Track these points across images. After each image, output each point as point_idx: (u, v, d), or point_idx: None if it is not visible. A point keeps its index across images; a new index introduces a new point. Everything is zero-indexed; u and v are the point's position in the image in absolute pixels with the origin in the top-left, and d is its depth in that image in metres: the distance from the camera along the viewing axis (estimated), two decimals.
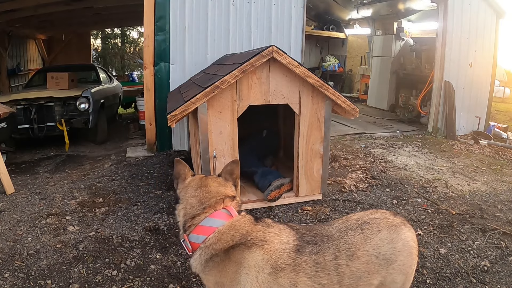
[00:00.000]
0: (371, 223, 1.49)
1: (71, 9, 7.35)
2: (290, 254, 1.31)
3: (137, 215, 3.25)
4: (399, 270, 1.46)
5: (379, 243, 1.43)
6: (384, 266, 1.43)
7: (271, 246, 1.30)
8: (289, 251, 1.32)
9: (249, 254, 1.29)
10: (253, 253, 1.29)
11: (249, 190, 3.55)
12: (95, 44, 18.47)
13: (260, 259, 1.28)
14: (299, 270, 1.29)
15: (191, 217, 1.42)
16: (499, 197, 3.76)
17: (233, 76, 2.87)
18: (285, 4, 5.10)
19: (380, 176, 4.19)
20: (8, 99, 5.54)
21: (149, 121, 4.95)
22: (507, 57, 15.42)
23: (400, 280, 1.48)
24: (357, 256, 1.37)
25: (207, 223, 1.39)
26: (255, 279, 1.26)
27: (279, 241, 1.33)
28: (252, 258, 1.28)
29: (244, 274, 1.27)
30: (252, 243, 1.31)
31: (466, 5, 6.21)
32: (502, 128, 6.73)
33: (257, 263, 1.27)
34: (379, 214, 1.55)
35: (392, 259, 1.44)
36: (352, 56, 12.21)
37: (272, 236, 1.35)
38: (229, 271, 1.30)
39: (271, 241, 1.32)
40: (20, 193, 3.78)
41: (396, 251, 1.45)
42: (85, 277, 2.38)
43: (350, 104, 3.32)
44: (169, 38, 4.74)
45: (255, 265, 1.27)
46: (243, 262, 1.29)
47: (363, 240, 1.41)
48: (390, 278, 1.46)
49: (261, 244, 1.30)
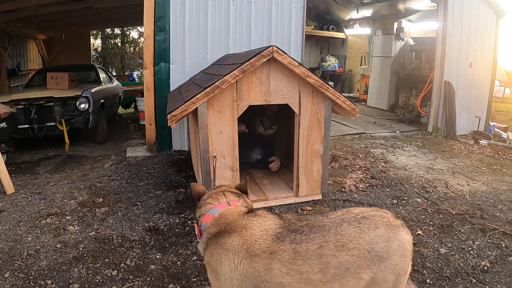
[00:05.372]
0: (370, 219, 1.51)
1: (71, 9, 7.36)
2: (268, 241, 1.40)
3: (137, 215, 3.25)
4: (391, 269, 1.47)
5: (374, 239, 1.45)
6: (376, 262, 1.44)
7: (249, 232, 1.43)
8: (266, 238, 1.41)
9: (229, 239, 1.43)
10: (232, 238, 1.43)
11: (249, 190, 3.54)
12: (95, 44, 18.46)
13: (236, 244, 1.41)
14: (274, 257, 1.37)
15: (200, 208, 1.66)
16: (499, 197, 3.76)
17: (233, 76, 2.87)
18: (285, 4, 5.10)
19: (380, 176, 4.19)
20: (8, 99, 5.54)
21: (149, 121, 4.95)
22: (507, 57, 15.39)
23: (391, 280, 1.48)
24: (347, 247, 1.40)
25: (210, 212, 1.58)
26: (233, 262, 1.40)
27: (259, 229, 1.44)
28: (230, 243, 1.42)
29: (225, 256, 1.42)
30: (233, 230, 1.45)
31: (466, 5, 6.21)
32: (502, 128, 6.73)
33: (234, 247, 1.41)
34: (381, 213, 1.57)
35: (385, 257, 1.45)
36: (352, 56, 12.21)
37: (253, 223, 1.47)
38: (215, 253, 1.47)
39: (250, 228, 1.44)
40: (20, 193, 3.78)
41: (390, 250, 1.46)
42: (85, 277, 2.38)
43: (350, 104, 3.32)
44: (169, 38, 4.74)
45: (232, 249, 1.41)
46: (224, 246, 1.44)
47: (358, 233, 1.44)
48: (382, 275, 1.46)
49: (240, 231, 1.43)
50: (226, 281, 1.43)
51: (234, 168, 3.20)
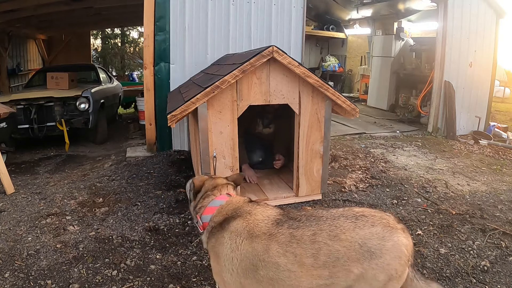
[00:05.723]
0: (369, 217, 1.53)
1: (71, 9, 7.36)
2: (268, 225, 1.54)
3: (137, 215, 3.25)
4: (382, 269, 1.46)
5: (368, 235, 1.47)
6: (367, 258, 1.45)
7: (253, 217, 1.57)
8: (267, 223, 1.55)
9: (233, 222, 1.58)
10: (236, 222, 1.57)
11: (248, 190, 3.55)
12: (95, 44, 18.46)
13: (240, 226, 1.55)
14: (272, 239, 1.50)
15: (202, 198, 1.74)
16: (499, 197, 3.76)
17: (233, 76, 2.87)
18: (285, 4, 5.10)
19: (380, 176, 4.19)
20: (8, 99, 5.54)
21: (149, 121, 4.95)
22: (507, 57, 15.38)
23: (382, 280, 1.47)
24: (339, 238, 1.47)
25: (213, 204, 1.70)
26: (235, 242, 1.53)
27: (261, 215, 1.59)
28: (234, 226, 1.56)
29: (227, 237, 1.56)
30: (238, 215, 1.60)
31: (466, 5, 6.21)
32: (502, 128, 6.73)
33: (237, 229, 1.55)
34: (382, 215, 1.57)
35: (377, 254, 1.45)
36: (352, 56, 12.22)
37: (257, 211, 1.61)
38: (219, 236, 1.59)
39: (254, 214, 1.58)
40: (20, 193, 3.78)
41: (383, 248, 1.46)
42: (85, 277, 2.39)
43: (350, 104, 3.32)
44: (169, 38, 4.74)
45: (236, 231, 1.55)
46: (228, 229, 1.58)
47: (352, 227, 1.50)
48: (372, 273, 1.46)
49: (245, 216, 1.58)
50: (226, 262, 1.54)
51: (234, 168, 3.20)
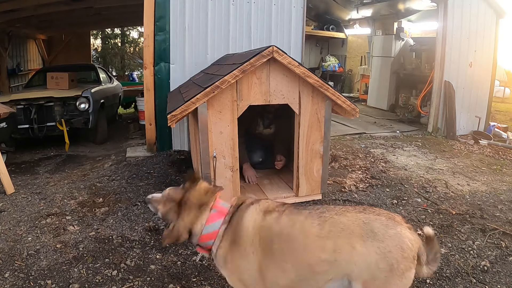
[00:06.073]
0: (377, 211, 1.61)
1: (71, 9, 7.35)
2: (276, 204, 1.77)
3: (137, 215, 3.25)
4: (383, 255, 1.46)
5: (372, 218, 1.55)
6: (369, 237, 1.49)
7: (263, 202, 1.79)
8: (277, 204, 1.78)
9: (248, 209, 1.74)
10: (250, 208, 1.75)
11: (248, 190, 3.55)
12: (95, 44, 18.46)
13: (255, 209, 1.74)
14: (283, 212, 1.69)
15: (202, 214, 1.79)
16: (499, 197, 3.76)
17: (233, 76, 2.87)
18: (285, 4, 5.10)
19: (380, 176, 4.19)
20: (8, 99, 5.54)
21: (149, 121, 4.95)
22: (507, 57, 15.40)
23: (383, 268, 1.45)
24: (345, 215, 1.60)
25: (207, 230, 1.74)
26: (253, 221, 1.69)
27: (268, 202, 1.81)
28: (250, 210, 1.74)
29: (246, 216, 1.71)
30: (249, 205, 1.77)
31: (466, 5, 6.21)
32: (502, 128, 6.73)
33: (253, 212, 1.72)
34: (389, 213, 1.60)
35: (379, 236, 1.49)
36: (352, 56, 12.22)
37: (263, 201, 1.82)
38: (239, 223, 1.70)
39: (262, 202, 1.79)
40: (20, 193, 3.78)
41: (386, 234, 1.49)
42: (85, 277, 2.39)
43: (350, 104, 3.32)
44: (169, 38, 4.74)
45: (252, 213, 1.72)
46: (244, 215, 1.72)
47: (358, 211, 1.61)
48: (373, 258, 1.47)
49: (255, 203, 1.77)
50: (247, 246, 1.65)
51: (234, 168, 3.20)
